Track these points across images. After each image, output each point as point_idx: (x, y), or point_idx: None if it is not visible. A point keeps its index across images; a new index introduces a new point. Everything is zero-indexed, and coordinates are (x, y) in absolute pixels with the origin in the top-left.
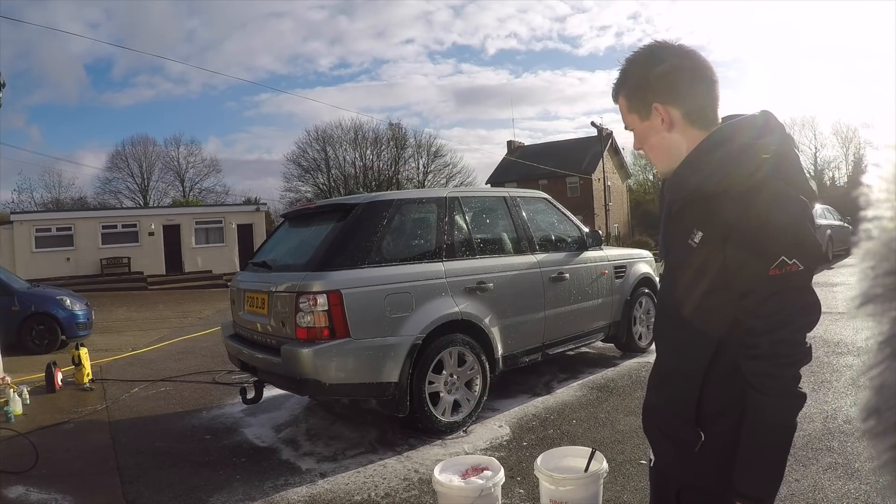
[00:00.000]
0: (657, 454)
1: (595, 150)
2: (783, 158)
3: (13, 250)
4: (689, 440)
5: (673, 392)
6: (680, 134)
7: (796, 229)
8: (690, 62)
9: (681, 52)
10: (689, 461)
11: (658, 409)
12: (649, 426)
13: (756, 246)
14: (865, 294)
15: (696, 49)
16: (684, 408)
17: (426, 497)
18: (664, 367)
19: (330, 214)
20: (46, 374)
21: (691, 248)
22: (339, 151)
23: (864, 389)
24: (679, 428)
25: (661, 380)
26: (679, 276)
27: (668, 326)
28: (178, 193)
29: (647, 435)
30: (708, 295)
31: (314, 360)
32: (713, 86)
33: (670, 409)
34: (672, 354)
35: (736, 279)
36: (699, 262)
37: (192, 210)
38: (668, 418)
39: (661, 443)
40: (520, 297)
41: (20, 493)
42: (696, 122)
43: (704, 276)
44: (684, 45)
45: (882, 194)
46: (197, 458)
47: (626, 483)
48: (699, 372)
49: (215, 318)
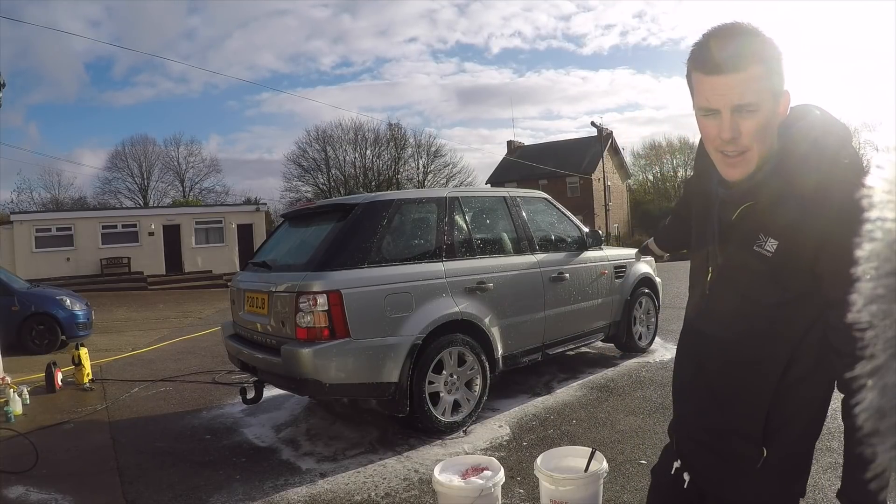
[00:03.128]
0: (699, 473)
1: (595, 149)
2: (859, 167)
3: (13, 250)
4: (751, 458)
5: (735, 408)
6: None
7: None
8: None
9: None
10: (744, 480)
11: (705, 426)
12: (688, 442)
13: (853, 257)
14: (868, 295)
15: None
16: (749, 424)
17: (426, 497)
18: (719, 380)
19: (330, 214)
20: (46, 374)
21: (762, 255)
22: (339, 151)
23: (867, 390)
24: (739, 446)
25: (712, 394)
26: (742, 285)
27: (721, 337)
28: (178, 193)
29: (685, 452)
30: (783, 305)
31: (314, 360)
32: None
33: (730, 426)
34: (735, 367)
35: (832, 287)
36: (775, 270)
37: (192, 210)
38: (723, 436)
39: (709, 462)
40: (520, 297)
41: (20, 493)
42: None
43: (781, 284)
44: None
45: (884, 196)
46: (197, 458)
47: (626, 483)
48: (771, 386)
49: (215, 318)
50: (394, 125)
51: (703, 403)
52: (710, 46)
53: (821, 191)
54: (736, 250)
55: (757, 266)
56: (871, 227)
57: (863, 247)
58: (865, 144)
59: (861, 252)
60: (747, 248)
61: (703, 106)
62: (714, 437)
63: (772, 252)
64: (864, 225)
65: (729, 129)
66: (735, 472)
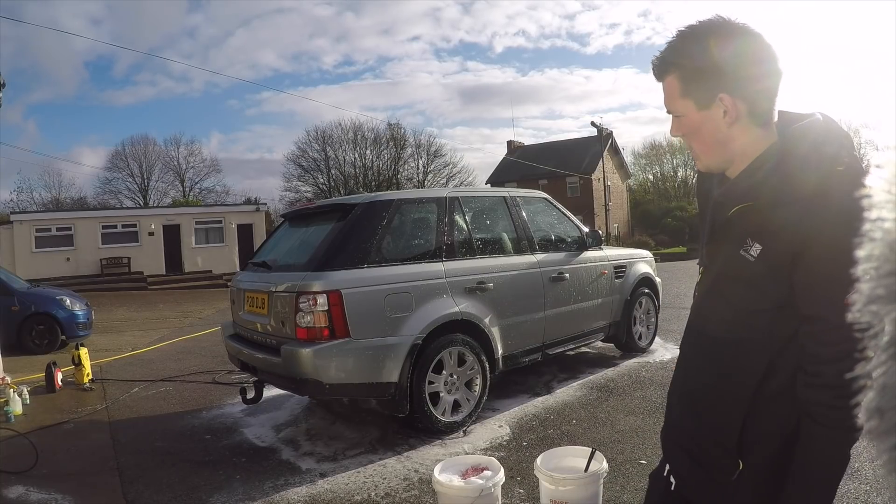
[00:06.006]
0: (682, 479)
1: (595, 149)
2: (857, 174)
3: (13, 250)
4: (726, 469)
5: (710, 416)
6: (740, 131)
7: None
8: (764, 50)
9: (755, 36)
10: (722, 490)
11: (688, 432)
12: (673, 447)
13: (834, 271)
14: (868, 295)
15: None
16: (724, 434)
17: (426, 497)
18: (698, 386)
19: (330, 214)
20: (46, 374)
21: (746, 260)
22: (338, 151)
23: (867, 390)
24: (715, 455)
25: (692, 400)
26: (726, 289)
27: (706, 342)
28: (178, 193)
29: (670, 457)
30: (763, 313)
31: (314, 360)
32: (780, 80)
33: (706, 434)
34: (712, 374)
35: (804, 301)
36: (756, 276)
37: (192, 210)
38: (701, 443)
39: (690, 468)
40: (520, 297)
41: (20, 493)
42: (759, 120)
43: (761, 292)
44: (752, 27)
45: (884, 196)
46: (197, 457)
47: (626, 483)
48: (746, 396)
49: (215, 318)
50: (393, 125)
51: (685, 408)
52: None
53: (819, 194)
54: (724, 252)
55: (740, 270)
56: (871, 227)
57: (862, 247)
58: (865, 144)
59: (860, 252)
60: (734, 251)
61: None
62: (693, 443)
63: (755, 257)
64: (862, 227)
65: (672, 128)
66: (713, 481)
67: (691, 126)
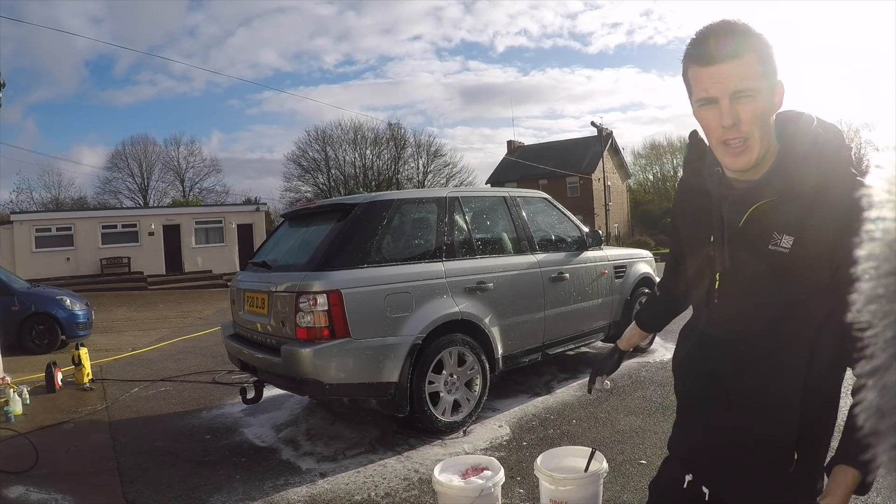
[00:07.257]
0: (719, 486)
1: (595, 149)
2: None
3: (13, 250)
4: (783, 462)
5: (766, 415)
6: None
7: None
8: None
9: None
10: (774, 486)
11: (724, 438)
12: (703, 455)
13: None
14: (868, 295)
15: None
16: (779, 430)
17: (426, 497)
18: (745, 390)
19: (330, 214)
20: (46, 374)
21: (779, 253)
22: (338, 151)
23: (867, 390)
24: (767, 454)
25: (727, 406)
26: (764, 287)
27: (738, 345)
28: (178, 193)
29: (696, 466)
30: (802, 302)
31: (314, 360)
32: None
33: (752, 436)
34: (760, 374)
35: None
36: (792, 267)
37: (192, 210)
38: (745, 446)
39: (731, 473)
40: (520, 297)
41: (20, 493)
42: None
43: (799, 282)
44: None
45: (884, 195)
46: (197, 457)
47: (626, 483)
48: (798, 386)
49: (215, 318)
50: (394, 125)
51: (721, 417)
52: (706, 40)
53: (824, 187)
54: (748, 252)
55: (774, 264)
56: (871, 227)
57: (863, 246)
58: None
59: (861, 252)
60: (762, 248)
61: (702, 97)
62: (738, 449)
63: (788, 248)
64: (864, 223)
65: (729, 115)
66: (763, 480)
67: (762, 109)
